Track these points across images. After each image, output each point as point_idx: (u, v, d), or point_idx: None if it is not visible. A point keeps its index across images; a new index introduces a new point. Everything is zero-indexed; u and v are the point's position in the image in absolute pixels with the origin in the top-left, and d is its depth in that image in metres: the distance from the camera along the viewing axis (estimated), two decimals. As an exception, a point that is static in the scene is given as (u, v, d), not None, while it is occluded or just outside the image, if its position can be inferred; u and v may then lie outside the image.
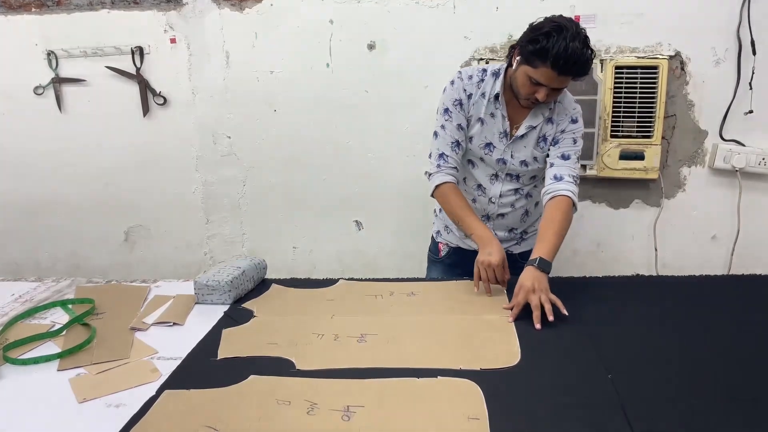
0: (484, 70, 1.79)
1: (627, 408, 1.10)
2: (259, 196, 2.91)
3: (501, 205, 1.90)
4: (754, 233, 2.61)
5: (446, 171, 1.79)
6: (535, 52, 1.56)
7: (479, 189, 1.89)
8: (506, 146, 1.80)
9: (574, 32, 1.53)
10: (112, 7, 2.73)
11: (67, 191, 3.00)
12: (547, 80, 1.58)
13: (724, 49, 2.43)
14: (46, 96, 2.85)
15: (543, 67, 1.56)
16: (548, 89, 1.61)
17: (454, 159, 1.80)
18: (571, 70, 1.55)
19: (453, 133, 1.79)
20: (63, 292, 1.82)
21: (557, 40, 1.51)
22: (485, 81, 1.77)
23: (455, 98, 1.77)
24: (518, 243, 2.00)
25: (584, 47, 1.53)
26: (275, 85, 2.74)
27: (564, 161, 1.76)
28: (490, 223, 1.93)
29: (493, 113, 1.78)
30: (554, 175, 1.75)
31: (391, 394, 1.18)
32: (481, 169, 1.86)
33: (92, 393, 1.22)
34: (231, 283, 1.67)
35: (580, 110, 1.81)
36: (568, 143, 1.78)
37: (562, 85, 1.62)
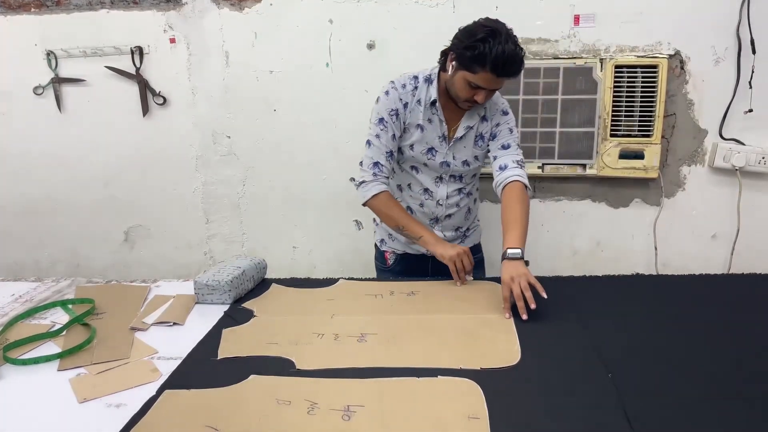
0: (416, 77, 1.83)
1: (627, 407, 1.10)
2: (259, 195, 2.91)
3: (448, 206, 1.94)
4: (754, 232, 2.61)
5: (381, 180, 1.83)
6: (473, 58, 1.59)
7: (426, 193, 1.92)
8: (447, 149, 1.84)
9: (507, 34, 1.58)
10: (112, 7, 2.73)
11: (67, 191, 3.00)
12: (486, 83, 1.63)
13: (723, 47, 2.43)
14: (46, 96, 2.85)
15: (482, 71, 1.60)
16: (486, 91, 1.67)
17: (387, 169, 1.84)
18: (509, 71, 1.60)
19: (387, 143, 1.82)
20: (63, 292, 1.82)
21: (493, 45, 1.55)
22: (419, 88, 1.81)
23: (392, 108, 1.80)
24: (462, 240, 2.05)
25: (516, 47, 1.58)
26: (275, 85, 2.74)
27: (505, 151, 1.84)
28: (438, 226, 1.97)
29: (431, 118, 1.82)
30: (499, 165, 1.82)
31: (392, 394, 1.18)
32: (426, 174, 1.90)
33: (92, 393, 1.22)
34: (231, 282, 1.67)
35: (506, 101, 1.90)
36: (505, 134, 1.85)
37: (499, 86, 1.68)
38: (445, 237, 1.96)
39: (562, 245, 2.78)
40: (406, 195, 1.95)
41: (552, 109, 2.55)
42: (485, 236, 2.20)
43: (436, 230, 1.96)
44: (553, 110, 2.55)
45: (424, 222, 1.95)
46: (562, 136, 2.57)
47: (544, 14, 2.51)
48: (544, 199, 2.73)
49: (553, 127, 2.56)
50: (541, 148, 2.60)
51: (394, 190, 1.97)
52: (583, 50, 2.51)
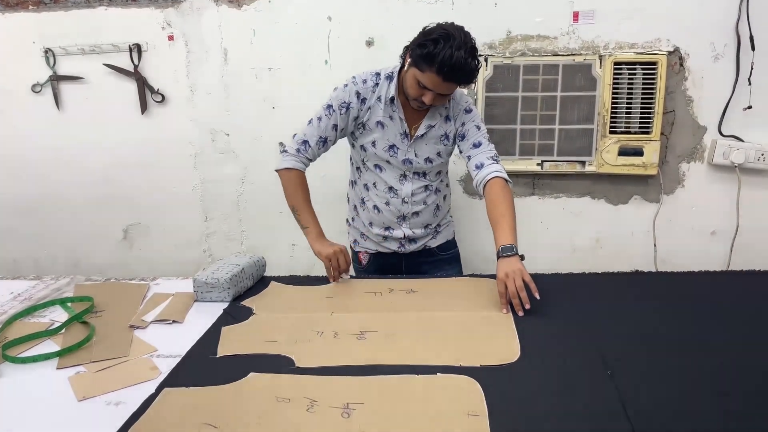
0: (378, 73, 1.83)
1: (626, 404, 1.10)
2: (258, 193, 2.91)
3: (414, 203, 1.93)
4: (753, 229, 2.61)
5: (301, 159, 1.86)
6: (422, 56, 1.60)
7: (391, 191, 1.92)
8: (408, 146, 1.84)
9: (461, 41, 1.57)
10: (110, 4, 2.72)
11: (66, 189, 2.99)
12: (432, 85, 1.62)
13: (722, 44, 2.43)
14: (44, 94, 2.84)
15: (429, 71, 1.60)
16: (434, 94, 1.65)
17: (313, 152, 1.86)
18: (455, 77, 1.60)
19: (326, 130, 1.84)
20: (62, 291, 1.82)
21: (443, 47, 1.55)
22: (380, 85, 1.81)
23: (343, 100, 1.81)
24: (434, 237, 2.04)
25: (470, 57, 1.58)
26: (273, 82, 2.74)
27: (477, 149, 1.83)
28: (406, 223, 1.96)
29: (391, 116, 1.82)
30: (475, 164, 1.81)
31: (391, 391, 1.18)
32: (389, 172, 1.90)
33: (91, 391, 1.22)
34: (230, 280, 1.67)
35: (470, 99, 1.90)
36: (473, 132, 1.84)
37: (447, 91, 1.66)
38: (414, 234, 1.97)
39: (561, 242, 2.78)
40: (372, 194, 1.95)
41: (551, 106, 2.55)
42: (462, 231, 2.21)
43: (404, 228, 1.96)
44: (552, 107, 2.55)
45: (391, 220, 1.96)
46: (562, 133, 2.57)
47: (543, 11, 2.50)
48: (543, 197, 2.73)
49: (552, 124, 2.56)
50: (540, 145, 2.60)
51: (361, 189, 1.98)
52: (582, 47, 2.51)
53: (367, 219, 2.01)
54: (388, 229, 1.98)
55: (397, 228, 1.97)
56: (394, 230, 1.97)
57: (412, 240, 2.00)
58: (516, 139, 2.60)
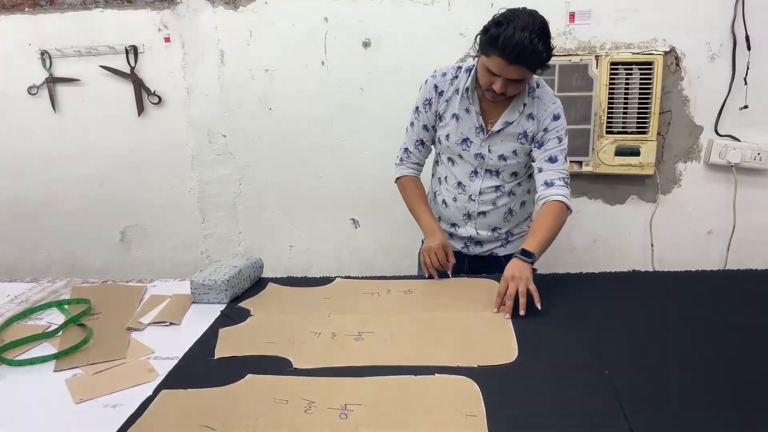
0: (460, 67, 1.81)
1: (624, 403, 1.10)
2: (255, 194, 2.91)
3: (481, 203, 1.85)
4: (749, 228, 2.61)
5: (408, 165, 1.94)
6: (487, 41, 1.56)
7: (459, 187, 1.86)
8: (482, 141, 1.78)
9: (526, 22, 1.51)
10: (106, 6, 2.72)
11: (62, 191, 2.99)
12: (498, 69, 1.57)
13: (718, 44, 2.44)
14: (40, 96, 2.83)
15: (493, 55, 1.55)
16: (503, 80, 1.59)
17: (416, 156, 1.93)
18: (519, 58, 1.52)
19: (419, 132, 1.88)
20: (59, 293, 1.81)
21: (506, 29, 1.50)
22: (459, 77, 1.79)
23: (425, 98, 1.82)
24: (503, 245, 1.95)
25: (535, 38, 1.50)
26: (270, 84, 2.74)
27: (552, 164, 1.75)
28: (471, 222, 1.89)
29: (468, 108, 1.77)
30: (545, 181, 1.75)
31: (389, 392, 1.18)
32: (461, 167, 1.85)
33: (89, 393, 1.22)
34: (227, 282, 1.67)
35: (561, 105, 1.78)
36: (553, 143, 1.75)
37: (515, 75, 1.57)
38: (480, 236, 1.90)
39: (558, 242, 2.74)
40: (443, 188, 1.91)
41: (548, 107, 2.55)
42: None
43: (469, 227, 1.89)
44: (549, 107, 2.55)
45: (457, 217, 1.90)
46: (558, 134, 2.57)
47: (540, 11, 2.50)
48: (540, 197, 2.73)
49: (549, 125, 2.56)
50: (537, 145, 2.60)
51: (435, 182, 1.97)
52: (578, 47, 2.51)
53: (436, 213, 1.95)
54: (454, 226, 1.93)
55: (462, 226, 1.91)
56: (460, 228, 1.92)
57: (479, 243, 1.93)
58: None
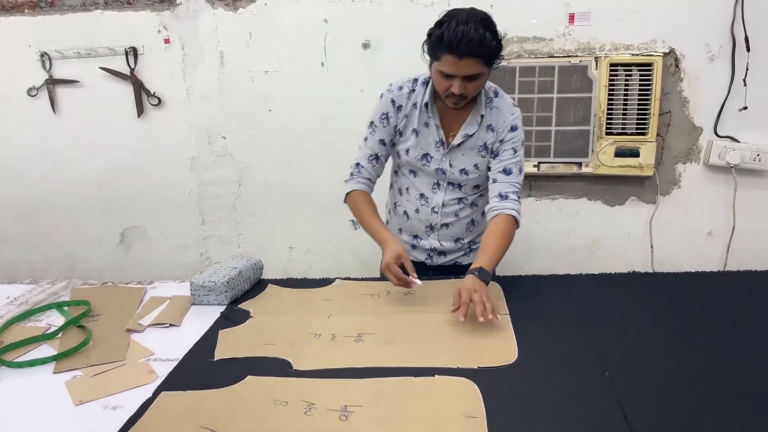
0: (416, 79, 1.76)
1: (624, 405, 1.10)
2: (255, 196, 2.91)
3: (444, 215, 1.84)
4: (749, 229, 2.61)
5: (358, 180, 1.83)
6: (433, 43, 1.55)
7: (422, 198, 1.83)
8: (443, 155, 1.76)
9: (467, 15, 1.51)
10: (106, 7, 2.72)
11: (62, 193, 2.99)
12: (451, 68, 1.54)
13: (718, 45, 2.44)
14: (40, 97, 2.84)
15: (443, 55, 1.53)
16: (460, 80, 1.55)
17: (368, 171, 1.83)
18: (469, 50, 1.49)
19: (374, 146, 1.81)
20: (58, 294, 1.81)
21: (448, 25, 1.50)
22: (416, 91, 1.75)
23: (382, 112, 1.77)
24: (466, 254, 1.93)
25: (480, 27, 1.49)
26: (270, 85, 2.74)
27: (506, 176, 1.72)
28: (434, 234, 1.87)
29: (427, 123, 1.74)
30: (498, 193, 1.72)
31: (389, 394, 1.17)
32: (422, 179, 1.82)
33: (89, 395, 1.21)
34: (227, 283, 1.67)
35: (519, 115, 1.76)
36: (508, 155, 1.73)
37: (470, 70, 1.54)
38: (443, 247, 1.88)
39: (558, 243, 2.78)
40: (404, 199, 1.88)
41: (547, 108, 2.55)
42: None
43: (432, 239, 1.87)
44: (549, 109, 2.55)
45: (419, 229, 1.88)
46: (558, 135, 2.58)
47: (539, 13, 2.51)
48: (540, 198, 2.73)
49: (549, 126, 2.57)
50: (536, 146, 2.60)
51: (395, 193, 1.92)
52: (578, 48, 2.52)
53: (397, 225, 1.94)
54: (416, 238, 1.90)
55: (425, 238, 1.89)
56: (422, 240, 1.89)
57: (442, 253, 1.91)
58: (512, 140, 2.61)
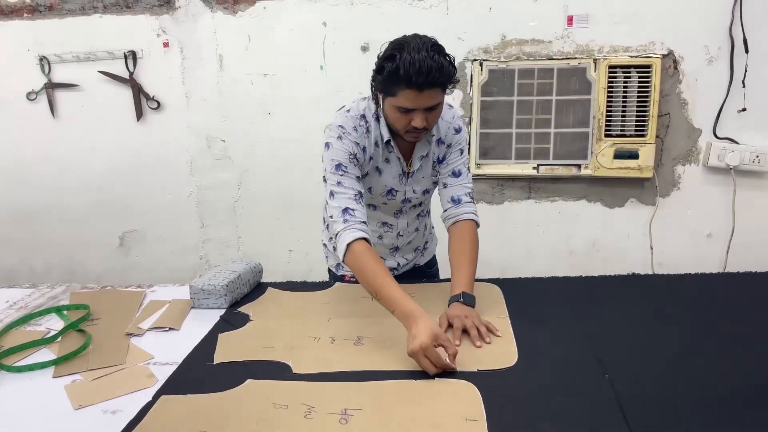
0: (363, 116, 1.58)
1: (624, 407, 1.10)
2: (254, 199, 2.91)
3: (408, 234, 1.80)
4: (749, 231, 2.62)
5: (355, 227, 1.48)
6: (386, 80, 1.40)
7: (384, 226, 1.76)
8: (406, 185, 1.67)
9: (418, 44, 1.38)
10: (105, 11, 2.72)
11: (61, 197, 2.99)
12: (411, 102, 1.40)
13: (716, 47, 2.44)
14: (39, 101, 2.84)
15: (400, 90, 1.39)
16: (421, 112, 1.42)
17: (360, 212, 1.52)
18: (429, 81, 1.37)
19: (353, 185, 1.54)
20: (58, 299, 1.81)
21: (401, 58, 1.36)
22: (371, 129, 1.59)
23: (350, 152, 1.55)
24: (422, 254, 1.92)
25: (435, 53, 1.37)
26: (269, 88, 2.74)
27: (456, 179, 1.65)
28: (399, 253, 1.83)
29: (388, 158, 1.62)
30: (451, 197, 1.65)
31: (389, 397, 1.17)
32: (384, 210, 1.73)
33: (88, 399, 1.21)
34: (227, 287, 1.67)
35: (459, 116, 1.68)
36: (455, 156, 1.65)
37: (430, 102, 1.42)
38: (407, 261, 1.85)
39: (558, 246, 2.79)
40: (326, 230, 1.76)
41: (546, 110, 2.56)
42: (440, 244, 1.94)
43: (397, 257, 1.82)
44: (548, 111, 2.56)
45: (384, 252, 1.80)
46: (557, 137, 2.58)
47: (538, 15, 2.51)
48: (539, 200, 2.73)
49: (548, 128, 2.57)
50: (536, 148, 2.61)
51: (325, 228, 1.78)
52: (576, 51, 2.52)
53: None
54: None
55: (389, 258, 1.83)
56: (387, 260, 1.83)
57: (404, 264, 1.88)
58: (512, 143, 2.61)
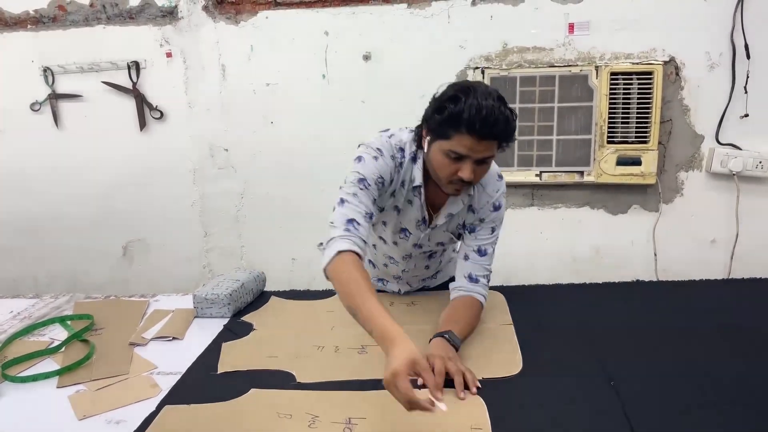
0: (401, 149, 1.48)
1: (630, 414, 1.10)
2: (257, 208, 2.91)
3: (413, 269, 1.72)
4: (753, 236, 2.61)
5: (352, 240, 1.34)
6: (445, 121, 1.30)
7: (391, 260, 1.69)
8: (423, 233, 1.58)
9: (485, 90, 1.30)
10: (108, 22, 2.74)
11: (65, 207, 2.99)
12: (467, 150, 1.30)
13: (718, 53, 2.45)
14: (43, 112, 2.85)
15: (458, 134, 1.29)
16: (472, 162, 1.32)
17: (364, 229, 1.39)
18: (492, 131, 1.28)
19: (367, 204, 1.42)
20: (61, 309, 1.81)
21: (467, 100, 1.27)
22: (404, 167, 1.48)
23: (379, 175, 1.44)
24: (434, 277, 1.83)
25: (501, 105, 1.29)
26: (272, 97, 2.75)
27: (479, 257, 1.55)
28: (402, 280, 1.76)
29: (411, 200, 1.52)
30: (469, 274, 1.55)
31: (393, 406, 1.16)
32: (394, 248, 1.65)
33: (92, 410, 1.21)
34: (230, 296, 1.67)
35: (504, 190, 1.56)
36: (485, 234, 1.56)
37: (486, 153, 1.32)
38: (410, 288, 1.79)
39: (561, 253, 2.78)
40: (370, 251, 1.69)
41: (548, 117, 2.56)
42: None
43: (400, 284, 1.76)
44: (550, 118, 2.56)
45: (388, 275, 1.75)
46: (559, 144, 2.58)
47: (539, 23, 2.52)
48: (542, 207, 2.73)
49: (550, 135, 2.57)
50: (538, 156, 2.61)
51: None
52: (578, 58, 2.52)
53: None
54: (382, 281, 1.81)
55: (393, 282, 1.78)
56: (390, 283, 1.79)
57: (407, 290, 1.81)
58: (514, 150, 2.61)
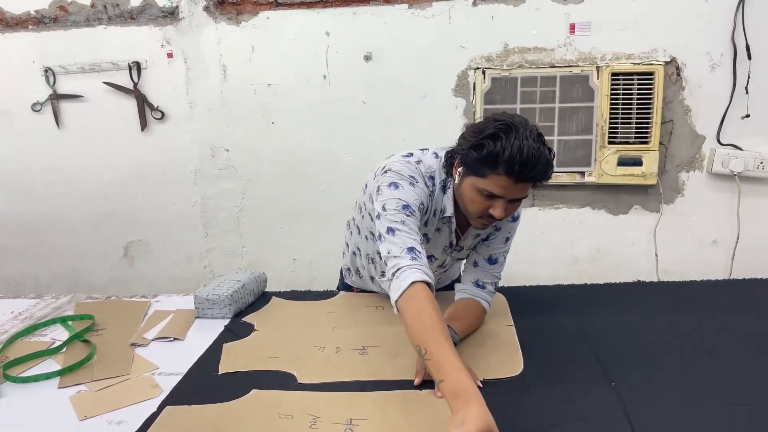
0: (432, 177, 1.42)
1: (631, 415, 1.10)
2: (258, 208, 2.91)
3: None
4: (754, 237, 2.61)
5: (423, 269, 1.25)
6: (482, 159, 1.24)
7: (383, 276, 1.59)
8: (448, 255, 1.56)
9: (526, 130, 1.23)
10: (109, 23, 2.74)
11: (66, 207, 2.99)
12: (502, 191, 1.25)
13: (719, 54, 2.45)
14: (44, 112, 2.85)
15: (494, 175, 1.24)
16: (505, 202, 1.27)
17: (425, 257, 1.31)
18: (530, 174, 1.23)
19: (417, 231, 1.35)
20: (63, 309, 1.81)
21: (508, 140, 1.21)
22: (435, 196, 1.43)
23: (420, 202, 1.38)
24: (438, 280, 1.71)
25: (541, 145, 1.24)
26: (272, 98, 2.75)
27: (489, 265, 1.53)
28: None
29: (440, 228, 1.48)
30: (477, 280, 1.53)
31: (394, 407, 1.17)
32: None
33: (93, 410, 1.21)
34: (231, 296, 1.67)
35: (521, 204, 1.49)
36: (498, 242, 1.53)
37: (521, 194, 1.28)
38: None
39: (562, 253, 2.78)
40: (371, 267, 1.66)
41: (549, 118, 2.56)
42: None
43: None
44: (551, 118, 2.56)
45: None
46: (561, 144, 2.58)
47: (540, 23, 2.52)
48: (543, 208, 2.73)
49: (551, 136, 2.57)
50: (539, 156, 2.60)
51: (362, 258, 1.68)
52: (579, 58, 2.52)
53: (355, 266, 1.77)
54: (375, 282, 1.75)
55: None
56: None
57: None
58: (515, 150, 2.61)
